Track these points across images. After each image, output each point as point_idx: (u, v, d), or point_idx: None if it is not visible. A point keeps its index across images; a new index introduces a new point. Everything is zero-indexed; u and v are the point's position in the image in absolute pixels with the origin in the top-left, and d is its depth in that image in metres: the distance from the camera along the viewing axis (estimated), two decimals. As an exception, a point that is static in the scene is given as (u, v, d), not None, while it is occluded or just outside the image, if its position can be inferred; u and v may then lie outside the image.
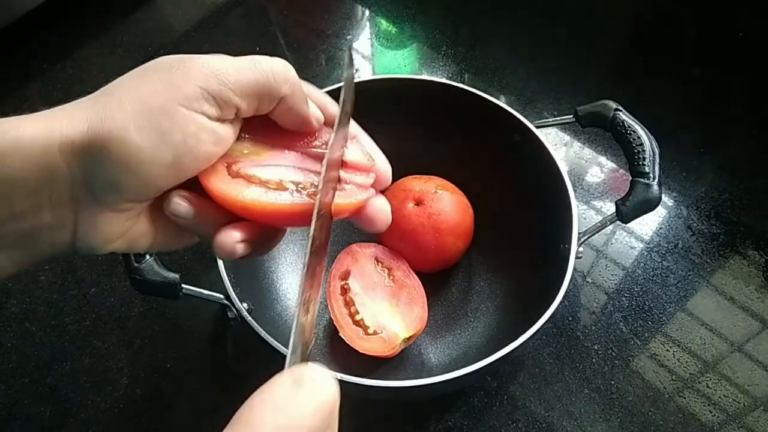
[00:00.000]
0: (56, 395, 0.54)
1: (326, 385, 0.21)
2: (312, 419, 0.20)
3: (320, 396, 0.21)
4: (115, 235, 0.26)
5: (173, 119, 0.24)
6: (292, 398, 0.20)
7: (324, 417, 0.21)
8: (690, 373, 0.54)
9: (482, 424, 0.52)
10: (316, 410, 0.21)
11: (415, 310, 0.51)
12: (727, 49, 0.81)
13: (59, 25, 0.85)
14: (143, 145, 0.24)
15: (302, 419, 0.20)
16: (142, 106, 0.24)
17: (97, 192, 0.25)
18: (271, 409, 0.20)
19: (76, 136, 0.24)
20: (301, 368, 0.22)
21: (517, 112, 0.54)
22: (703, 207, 0.65)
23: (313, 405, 0.21)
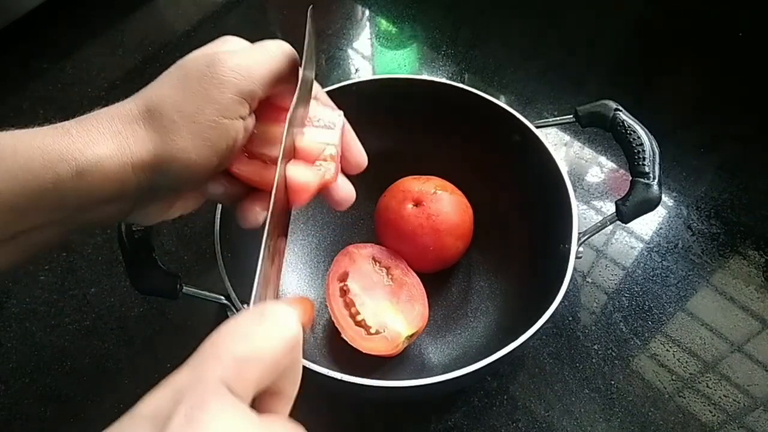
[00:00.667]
0: (56, 395, 0.54)
1: (289, 320, 0.21)
2: (274, 351, 0.20)
3: (283, 330, 0.21)
4: (160, 215, 0.33)
5: (219, 131, 0.29)
6: (256, 329, 0.21)
7: (287, 351, 0.21)
8: (690, 373, 0.54)
9: (482, 424, 0.52)
10: (279, 342, 0.21)
11: (416, 308, 0.51)
12: (727, 49, 0.81)
13: (59, 25, 0.85)
14: (200, 161, 0.29)
15: (265, 349, 0.20)
16: (195, 127, 0.29)
17: (158, 193, 0.31)
18: (235, 339, 0.20)
19: (144, 157, 0.28)
20: (265, 304, 0.22)
21: (517, 112, 0.54)
22: (703, 207, 0.65)
23: (276, 337, 0.21)
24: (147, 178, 0.29)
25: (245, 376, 0.19)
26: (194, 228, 0.65)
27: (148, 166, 0.28)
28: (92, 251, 0.63)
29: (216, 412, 0.18)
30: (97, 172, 0.27)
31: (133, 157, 0.28)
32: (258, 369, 0.20)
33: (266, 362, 0.20)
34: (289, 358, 0.21)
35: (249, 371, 0.19)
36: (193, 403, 0.18)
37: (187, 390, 0.18)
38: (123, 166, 0.28)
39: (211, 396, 0.18)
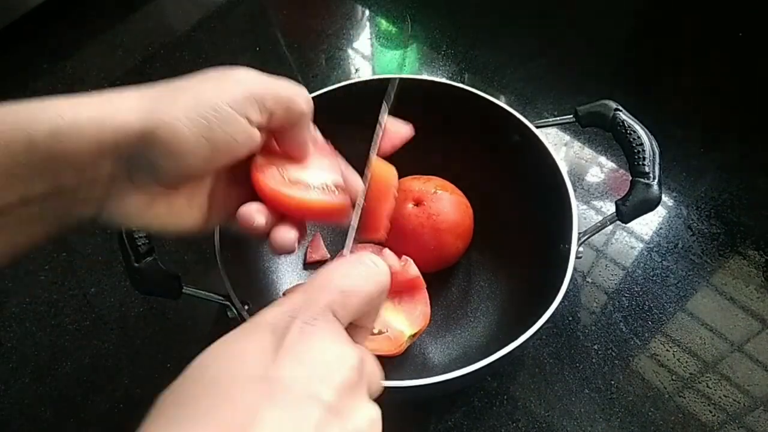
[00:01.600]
0: (56, 395, 0.54)
1: (382, 266, 0.26)
2: (370, 289, 0.25)
3: (378, 273, 0.25)
4: (135, 213, 0.29)
5: (219, 116, 0.27)
6: (356, 270, 0.25)
7: (380, 290, 0.25)
8: (690, 373, 0.54)
9: (482, 424, 0.52)
10: (374, 283, 0.25)
11: (418, 307, 0.51)
12: (727, 49, 0.81)
13: (59, 25, 0.85)
14: (189, 136, 0.27)
15: (363, 287, 0.24)
16: (194, 102, 0.27)
17: (134, 172, 0.28)
18: (339, 275, 0.25)
19: (130, 119, 0.26)
20: (362, 252, 0.27)
21: (517, 112, 0.54)
22: (703, 207, 0.65)
23: (372, 278, 0.25)
24: (127, 147, 0.26)
25: (347, 306, 0.24)
26: (194, 228, 0.65)
27: (131, 131, 0.26)
28: (92, 251, 0.63)
29: (323, 330, 0.22)
30: (73, 134, 0.25)
31: (116, 120, 0.26)
32: (357, 302, 0.24)
33: (364, 297, 0.24)
34: (381, 297, 0.26)
35: (350, 302, 0.24)
36: (306, 319, 0.22)
37: (301, 309, 0.22)
38: (102, 130, 0.26)
39: (320, 316, 0.22)
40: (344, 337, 0.23)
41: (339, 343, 0.22)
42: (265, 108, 0.29)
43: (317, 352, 0.21)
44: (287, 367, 0.20)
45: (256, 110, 0.29)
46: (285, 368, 0.20)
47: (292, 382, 0.20)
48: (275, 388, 0.20)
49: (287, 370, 0.20)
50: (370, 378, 0.24)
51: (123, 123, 0.26)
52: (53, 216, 0.28)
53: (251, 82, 0.29)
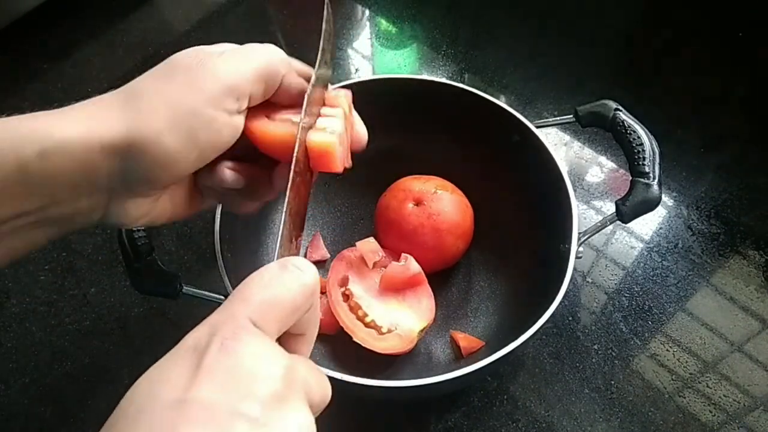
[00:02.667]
0: (56, 395, 0.54)
1: (307, 270, 0.25)
2: (295, 295, 0.24)
3: (302, 278, 0.24)
4: (140, 215, 0.30)
5: (201, 120, 0.28)
6: (278, 278, 0.24)
7: (306, 296, 0.24)
8: (690, 373, 0.54)
9: (482, 424, 0.52)
10: (299, 288, 0.24)
11: (423, 301, 0.52)
12: (727, 49, 0.81)
13: (59, 25, 0.85)
14: (176, 147, 0.27)
15: (286, 294, 0.24)
16: (174, 111, 0.27)
17: (131, 184, 0.28)
18: (260, 286, 0.24)
19: (115, 138, 0.26)
20: (285, 258, 0.25)
21: (517, 112, 0.54)
22: (703, 207, 0.65)
23: (296, 284, 0.24)
24: (118, 164, 0.27)
25: (270, 316, 0.23)
26: (194, 228, 0.65)
27: (119, 149, 0.27)
28: (92, 251, 0.63)
29: (246, 342, 0.21)
30: (61, 153, 0.25)
31: (103, 138, 0.26)
32: (280, 310, 0.23)
33: (287, 305, 0.23)
34: (308, 302, 0.25)
35: (273, 312, 0.23)
36: (226, 335, 0.21)
37: (221, 326, 0.22)
38: (90, 148, 0.26)
39: (240, 329, 0.22)
40: (268, 349, 0.22)
41: (260, 356, 0.21)
42: (243, 94, 0.30)
43: (238, 368, 0.21)
44: (206, 387, 0.20)
45: (235, 101, 0.29)
46: (203, 388, 0.20)
47: (212, 402, 0.19)
48: (193, 410, 0.19)
49: (206, 390, 0.20)
50: (307, 385, 0.23)
51: (110, 141, 0.26)
52: (55, 224, 0.28)
53: (224, 73, 0.29)
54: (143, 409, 0.20)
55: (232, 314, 0.22)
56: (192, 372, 0.20)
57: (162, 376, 0.21)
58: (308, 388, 0.23)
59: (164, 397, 0.20)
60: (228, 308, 0.23)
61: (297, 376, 0.22)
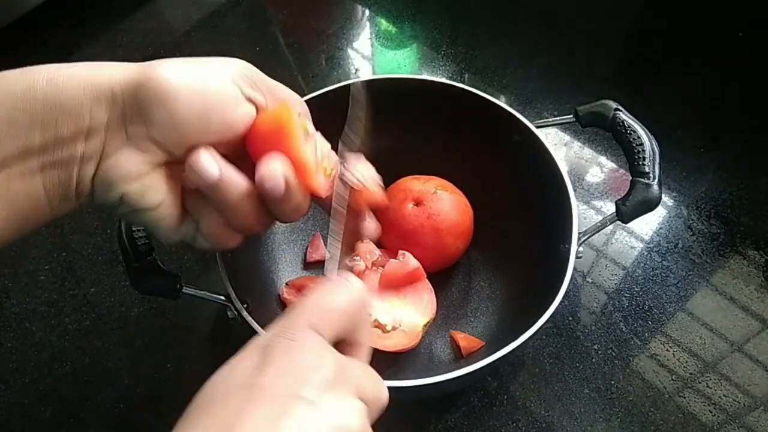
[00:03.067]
0: (56, 395, 0.54)
1: (356, 284, 0.29)
2: (348, 305, 0.27)
3: (353, 292, 0.28)
4: (132, 174, 0.29)
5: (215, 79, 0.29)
6: (333, 291, 0.28)
7: (357, 306, 0.28)
8: (690, 373, 0.54)
9: (482, 424, 0.52)
10: (350, 300, 0.28)
11: (424, 296, 0.52)
12: (727, 49, 0.81)
13: (59, 25, 0.85)
14: (182, 86, 0.28)
15: (340, 304, 0.27)
16: (194, 65, 0.29)
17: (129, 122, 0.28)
18: (319, 297, 0.27)
19: (125, 72, 0.28)
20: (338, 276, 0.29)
21: (517, 112, 0.54)
22: (703, 207, 0.65)
23: (349, 296, 0.28)
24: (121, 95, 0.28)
25: (326, 322, 0.26)
26: (194, 228, 0.65)
27: (125, 81, 0.28)
28: (92, 251, 0.63)
29: (305, 342, 0.25)
30: (70, 80, 0.27)
31: (112, 74, 0.28)
32: (336, 318, 0.27)
33: (342, 313, 0.27)
34: (360, 312, 0.28)
35: (329, 319, 0.26)
36: (289, 337, 0.25)
37: (285, 329, 0.25)
38: (98, 75, 0.28)
39: (301, 332, 0.25)
40: (324, 347, 0.25)
41: (317, 351, 0.25)
42: (258, 88, 0.31)
43: (297, 361, 0.24)
44: (269, 375, 0.23)
45: (250, 88, 0.31)
46: (267, 376, 0.23)
47: (274, 386, 0.23)
48: (258, 392, 0.23)
49: (269, 378, 0.23)
50: (359, 383, 0.26)
51: (117, 71, 0.28)
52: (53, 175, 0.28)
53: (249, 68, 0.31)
54: (217, 392, 0.23)
55: (294, 320, 0.26)
56: (259, 364, 0.24)
57: (234, 368, 0.24)
58: (360, 386, 0.25)
59: (236, 382, 0.23)
60: (290, 316, 0.26)
61: (349, 372, 0.25)
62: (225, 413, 0.22)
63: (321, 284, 0.28)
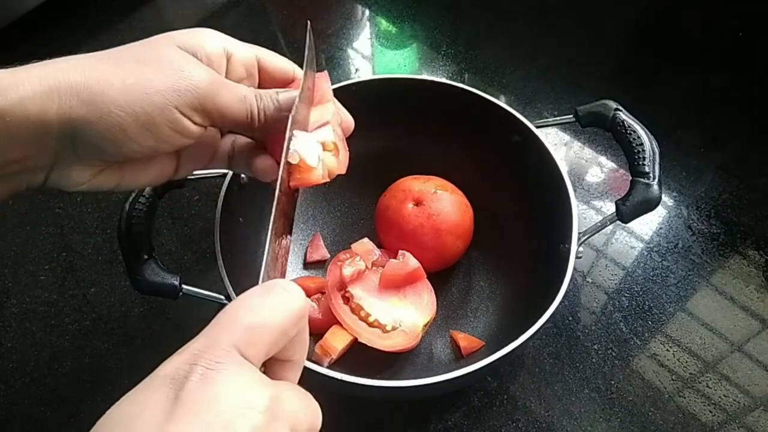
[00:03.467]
0: (56, 395, 0.54)
1: (295, 293, 0.23)
2: (282, 320, 0.22)
3: (289, 301, 0.23)
4: (82, 181, 0.30)
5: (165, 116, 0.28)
6: (263, 302, 0.23)
7: (293, 321, 0.23)
8: (690, 373, 0.54)
9: (482, 424, 0.52)
10: (285, 313, 0.23)
11: (424, 296, 0.52)
12: (727, 49, 0.81)
13: (59, 25, 0.85)
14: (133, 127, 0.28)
15: (273, 319, 0.22)
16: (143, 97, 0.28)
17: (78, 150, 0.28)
18: (245, 310, 0.22)
19: (74, 106, 0.27)
20: (272, 280, 0.24)
21: (517, 112, 0.54)
22: (703, 207, 0.65)
23: (282, 308, 0.23)
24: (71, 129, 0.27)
25: (255, 343, 0.21)
26: (194, 228, 0.65)
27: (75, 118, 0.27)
28: (92, 251, 0.63)
29: (228, 372, 0.20)
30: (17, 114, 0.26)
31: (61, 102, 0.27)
32: (266, 336, 0.22)
33: (274, 331, 0.22)
34: (296, 327, 0.23)
35: (258, 338, 0.21)
36: (208, 364, 0.20)
37: (202, 354, 0.20)
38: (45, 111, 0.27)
39: (223, 358, 0.20)
40: (252, 378, 0.21)
41: (244, 387, 0.20)
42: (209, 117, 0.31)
43: (219, 401, 0.19)
44: (184, 423, 0.18)
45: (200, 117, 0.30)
46: (180, 424, 0.18)
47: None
48: None
49: (183, 426, 0.18)
50: (293, 417, 0.21)
51: (68, 109, 0.27)
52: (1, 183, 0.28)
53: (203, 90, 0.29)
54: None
55: (215, 341, 0.21)
56: (170, 405, 0.19)
57: (136, 409, 0.20)
58: (294, 419, 0.21)
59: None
60: (210, 335, 0.21)
61: (282, 407, 0.21)
62: None
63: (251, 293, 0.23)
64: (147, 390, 0.20)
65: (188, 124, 0.30)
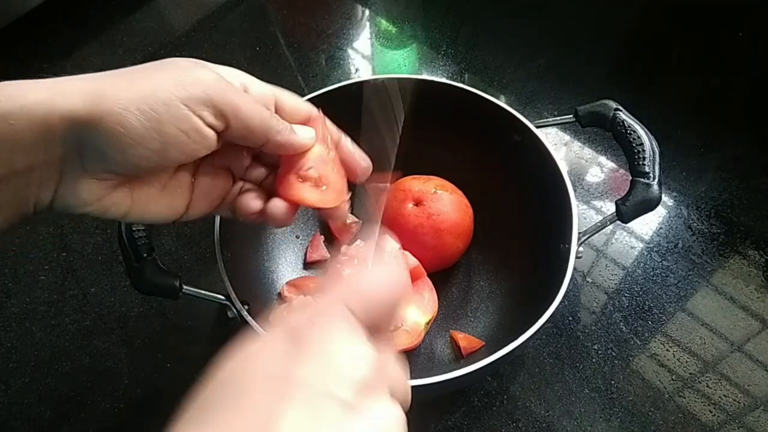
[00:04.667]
0: (56, 395, 0.54)
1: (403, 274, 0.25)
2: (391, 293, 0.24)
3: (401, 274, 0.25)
4: (91, 199, 0.29)
5: (171, 112, 0.27)
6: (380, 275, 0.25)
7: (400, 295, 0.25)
8: (690, 373, 0.54)
9: (482, 424, 0.52)
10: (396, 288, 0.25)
11: (425, 294, 0.52)
12: (727, 49, 0.81)
13: (59, 25, 0.85)
14: (137, 126, 0.27)
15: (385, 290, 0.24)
16: (147, 93, 0.27)
17: (85, 159, 0.28)
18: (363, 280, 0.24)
19: (77, 105, 0.26)
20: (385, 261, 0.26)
21: (517, 112, 0.54)
22: (703, 207, 0.65)
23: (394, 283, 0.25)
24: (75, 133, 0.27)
25: (368, 310, 0.23)
26: (194, 228, 0.65)
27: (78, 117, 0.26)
28: (92, 251, 0.63)
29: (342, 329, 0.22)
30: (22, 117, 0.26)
31: (64, 105, 0.26)
32: (378, 306, 0.24)
33: (385, 302, 0.24)
34: (399, 301, 0.25)
35: (371, 306, 0.23)
36: (327, 320, 0.22)
37: (323, 310, 0.22)
38: (50, 113, 0.26)
39: (339, 316, 0.22)
40: (361, 339, 0.22)
41: (357, 343, 0.22)
42: (220, 115, 0.29)
43: (335, 351, 0.21)
44: (306, 365, 0.20)
45: (211, 114, 0.29)
46: (303, 366, 0.20)
47: (311, 380, 0.20)
48: (293, 387, 0.19)
49: (305, 368, 0.20)
50: (393, 381, 0.23)
51: (71, 108, 0.26)
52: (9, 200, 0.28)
53: (211, 85, 0.29)
54: (242, 382, 0.20)
55: (333, 301, 0.23)
56: (293, 350, 0.21)
57: (259, 354, 0.21)
58: (394, 385, 0.23)
59: (265, 372, 0.20)
60: (331, 296, 0.23)
61: (385, 370, 0.23)
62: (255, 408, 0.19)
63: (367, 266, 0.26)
64: (271, 338, 0.22)
65: (197, 121, 0.29)
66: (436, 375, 0.40)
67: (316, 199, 0.35)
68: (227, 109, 0.29)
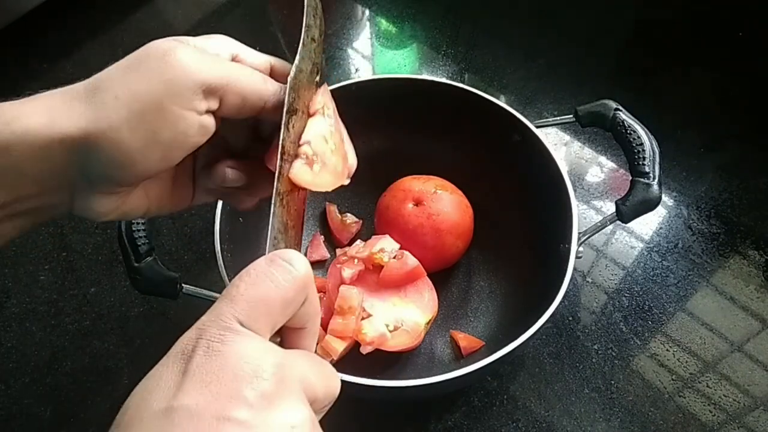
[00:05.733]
0: (56, 395, 0.54)
1: (298, 262, 0.24)
2: (285, 291, 0.23)
3: (293, 271, 0.23)
4: (108, 210, 0.29)
5: (165, 118, 0.27)
6: (266, 274, 0.23)
7: (296, 290, 0.23)
8: (690, 373, 0.54)
9: (482, 424, 0.52)
10: (289, 283, 0.23)
11: (425, 294, 0.52)
12: (727, 49, 0.81)
13: (59, 25, 0.85)
14: (135, 145, 0.26)
15: (276, 291, 0.23)
16: (137, 106, 0.26)
17: (92, 180, 0.28)
18: (247, 284, 0.23)
19: (74, 131, 0.26)
20: (275, 252, 0.24)
21: (517, 112, 0.54)
22: (703, 207, 0.65)
23: (286, 279, 0.23)
24: (77, 159, 0.26)
25: (258, 314, 0.22)
26: (194, 228, 0.65)
27: (78, 143, 0.26)
28: (92, 251, 0.63)
29: (232, 344, 0.21)
30: (22, 145, 0.25)
31: (62, 132, 0.25)
32: (270, 307, 0.22)
33: (277, 301, 0.23)
34: (302, 295, 0.24)
35: (261, 310, 0.22)
36: (212, 338, 0.21)
37: (207, 328, 0.22)
38: (50, 141, 0.25)
39: (226, 331, 0.21)
40: (256, 347, 0.21)
41: (248, 356, 0.21)
42: (211, 93, 0.28)
43: (223, 370, 0.20)
44: (192, 393, 0.19)
45: (203, 99, 0.27)
46: (190, 394, 0.19)
47: (199, 408, 0.19)
48: (180, 418, 0.19)
49: (192, 396, 0.19)
50: (305, 380, 0.22)
51: (67, 135, 0.26)
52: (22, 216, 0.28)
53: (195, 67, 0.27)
54: (134, 419, 0.19)
55: (218, 316, 0.22)
56: (179, 378, 0.20)
57: (152, 385, 0.20)
58: (307, 382, 0.22)
59: (153, 406, 0.19)
60: (215, 310, 0.22)
61: (291, 372, 0.21)
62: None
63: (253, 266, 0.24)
64: (161, 367, 0.21)
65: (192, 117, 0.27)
66: (436, 375, 0.40)
67: (307, 179, 0.30)
68: (216, 84, 0.28)
